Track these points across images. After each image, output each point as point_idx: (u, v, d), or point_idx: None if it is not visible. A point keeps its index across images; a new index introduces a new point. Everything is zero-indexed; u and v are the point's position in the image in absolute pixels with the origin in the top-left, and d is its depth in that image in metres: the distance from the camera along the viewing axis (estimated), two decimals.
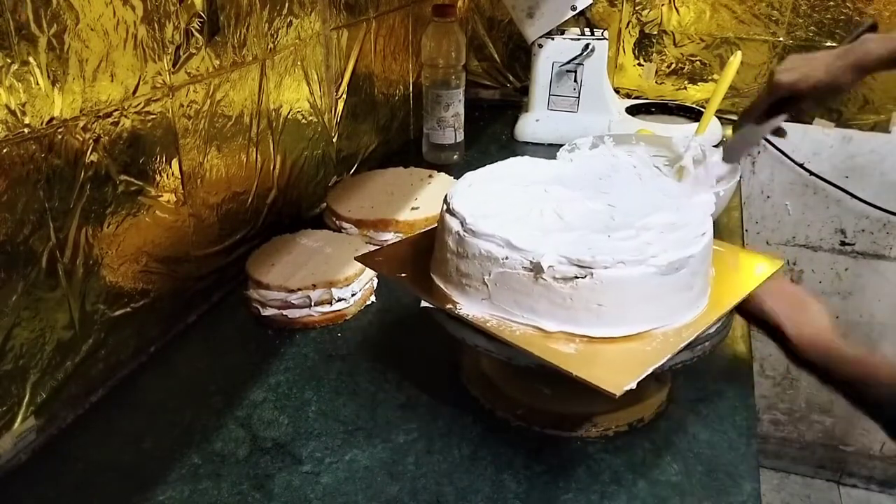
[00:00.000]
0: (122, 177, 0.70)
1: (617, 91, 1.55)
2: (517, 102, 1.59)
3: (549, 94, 1.41)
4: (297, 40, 0.98)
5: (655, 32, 1.55)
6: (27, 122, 0.59)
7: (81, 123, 0.64)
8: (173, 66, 0.75)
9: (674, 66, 1.56)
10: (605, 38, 1.37)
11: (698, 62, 1.54)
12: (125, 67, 0.69)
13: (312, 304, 0.81)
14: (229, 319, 0.85)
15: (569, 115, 1.41)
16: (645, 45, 1.57)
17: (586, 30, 1.39)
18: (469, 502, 0.59)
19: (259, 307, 0.82)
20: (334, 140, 1.14)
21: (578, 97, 1.40)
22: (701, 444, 0.65)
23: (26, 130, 0.59)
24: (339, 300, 0.82)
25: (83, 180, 0.65)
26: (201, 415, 0.69)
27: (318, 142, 1.09)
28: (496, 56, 1.67)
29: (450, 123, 1.26)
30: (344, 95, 1.15)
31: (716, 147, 1.04)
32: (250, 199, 0.94)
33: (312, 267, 0.84)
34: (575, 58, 1.36)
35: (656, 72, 1.58)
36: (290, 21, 0.96)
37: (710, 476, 0.62)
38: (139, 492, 0.60)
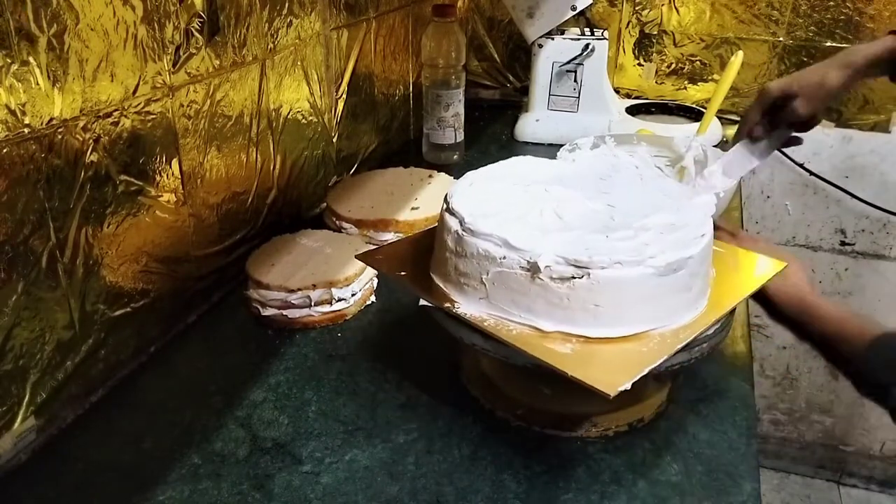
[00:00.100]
0: (122, 177, 0.70)
1: (617, 91, 1.55)
2: (517, 102, 1.59)
3: (549, 94, 1.41)
4: (297, 40, 0.98)
5: (655, 32, 1.55)
6: (27, 122, 0.59)
7: (81, 123, 0.64)
8: (173, 66, 0.75)
9: (674, 66, 1.56)
10: (605, 38, 1.37)
11: (698, 62, 1.54)
12: (125, 67, 0.69)
13: (312, 304, 0.81)
14: (229, 319, 0.85)
15: (569, 115, 1.41)
16: (645, 45, 1.57)
17: (586, 30, 1.39)
18: (469, 502, 0.59)
19: (259, 307, 0.82)
20: (334, 140, 1.14)
21: (578, 97, 1.40)
22: (701, 444, 0.65)
23: (26, 130, 0.59)
24: (339, 300, 0.82)
25: (83, 180, 0.65)
26: (201, 415, 0.69)
27: (318, 142, 1.09)
28: (496, 56, 1.67)
29: (450, 123, 1.26)
30: (344, 95, 1.15)
31: (716, 147, 1.04)
32: (250, 199, 0.94)
33: (312, 267, 0.84)
34: (575, 58, 1.36)
35: (656, 72, 1.58)
36: (290, 21, 0.96)
37: (710, 476, 0.62)
38: (139, 492, 0.60)
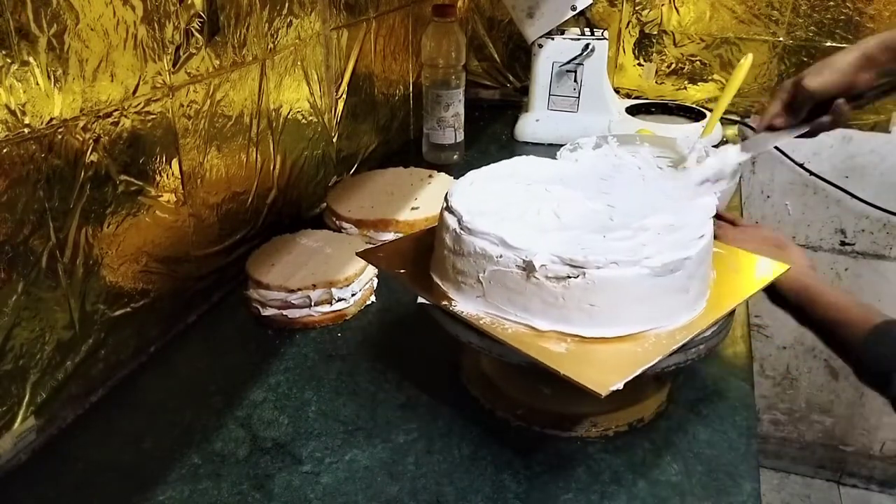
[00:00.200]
0: (122, 177, 0.70)
1: (617, 91, 1.55)
2: (517, 102, 1.59)
3: (549, 94, 1.41)
4: (297, 40, 0.98)
5: (655, 32, 1.55)
6: (27, 122, 0.59)
7: (81, 123, 0.64)
8: (173, 66, 0.75)
9: (674, 66, 1.56)
10: (605, 38, 1.37)
11: (698, 62, 1.54)
12: (125, 67, 0.69)
13: (312, 304, 0.81)
14: (229, 319, 0.85)
15: (569, 115, 1.41)
16: (645, 45, 1.57)
17: (586, 30, 1.39)
18: (469, 502, 0.59)
19: (259, 307, 0.82)
20: (334, 140, 1.14)
21: (578, 97, 1.40)
22: (701, 444, 0.65)
23: (26, 130, 0.59)
24: (339, 300, 0.82)
25: (83, 180, 0.65)
26: (201, 415, 0.69)
27: (318, 142, 1.09)
28: (496, 56, 1.67)
29: (450, 123, 1.26)
30: (344, 95, 1.15)
31: (716, 147, 1.03)
32: (250, 199, 0.94)
33: (312, 267, 0.84)
34: (575, 58, 1.36)
35: (656, 72, 1.58)
36: (290, 21, 0.96)
37: (710, 476, 0.62)
38: (139, 492, 0.60)
